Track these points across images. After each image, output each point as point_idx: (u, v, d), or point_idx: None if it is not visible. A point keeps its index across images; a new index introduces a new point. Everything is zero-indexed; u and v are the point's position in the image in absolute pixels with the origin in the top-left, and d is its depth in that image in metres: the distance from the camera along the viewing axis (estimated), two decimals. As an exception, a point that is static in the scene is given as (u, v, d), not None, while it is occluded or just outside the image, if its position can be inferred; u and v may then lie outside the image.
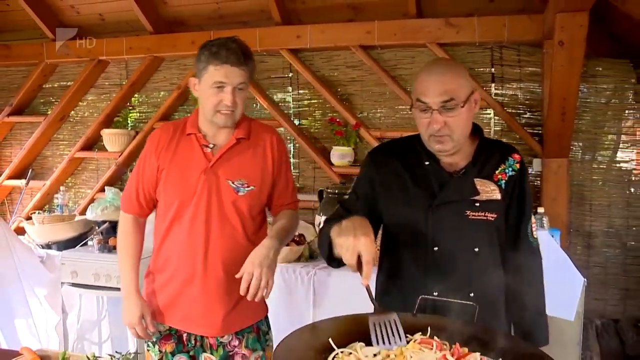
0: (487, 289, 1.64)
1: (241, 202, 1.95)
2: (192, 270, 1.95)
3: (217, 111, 1.91)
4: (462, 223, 1.61)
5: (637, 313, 3.41)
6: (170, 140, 2.00)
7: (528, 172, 1.74)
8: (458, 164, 1.66)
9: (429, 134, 1.59)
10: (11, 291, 3.34)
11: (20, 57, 4.33)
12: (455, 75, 1.57)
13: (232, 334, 2.01)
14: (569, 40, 2.83)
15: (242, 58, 1.87)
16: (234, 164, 1.97)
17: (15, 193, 4.65)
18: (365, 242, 1.33)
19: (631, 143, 3.40)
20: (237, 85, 1.89)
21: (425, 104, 1.56)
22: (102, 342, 3.56)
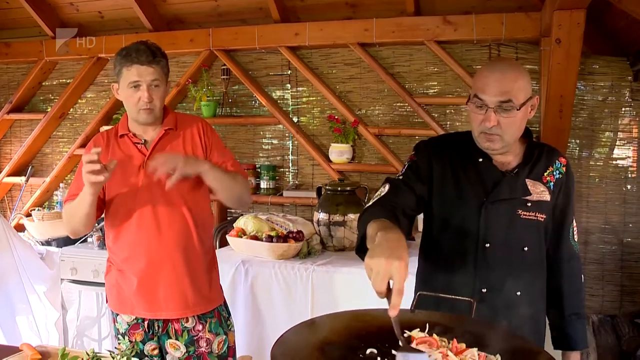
0: (532, 288, 1.67)
1: (182, 185, 2.03)
2: (148, 258, 2.06)
3: (139, 109, 2.04)
4: (514, 222, 1.63)
5: (634, 309, 3.42)
6: (107, 144, 2.13)
7: (574, 176, 1.76)
8: (510, 164, 1.67)
9: (480, 130, 1.59)
10: (11, 287, 3.34)
11: (19, 54, 4.34)
12: (516, 77, 1.55)
13: (196, 319, 2.12)
14: (566, 38, 2.84)
15: (151, 56, 2.01)
16: (168, 152, 2.07)
17: (15, 190, 4.66)
18: (399, 267, 1.15)
19: (628, 140, 3.41)
20: (151, 83, 2.02)
21: (482, 101, 1.56)
22: (102, 339, 3.58)
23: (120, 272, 2.13)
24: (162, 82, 2.06)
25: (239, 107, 4.05)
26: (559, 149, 3.16)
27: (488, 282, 1.60)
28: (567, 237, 1.74)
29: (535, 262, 1.68)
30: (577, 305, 1.75)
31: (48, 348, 1.89)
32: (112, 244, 2.15)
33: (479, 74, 1.61)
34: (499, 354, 1.22)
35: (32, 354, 1.80)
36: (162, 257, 2.06)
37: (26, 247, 3.48)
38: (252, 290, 3.05)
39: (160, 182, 2.01)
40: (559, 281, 1.73)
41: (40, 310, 3.46)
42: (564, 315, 1.73)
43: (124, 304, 2.13)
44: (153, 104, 2.04)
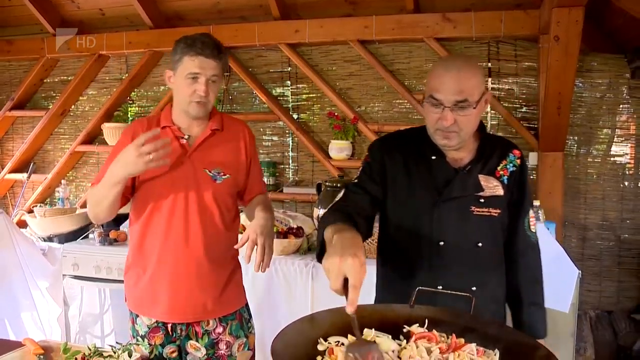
0: (489, 283, 1.67)
1: (218, 190, 2.02)
2: (174, 259, 1.99)
3: (191, 101, 1.97)
4: (467, 219, 1.63)
5: (631, 304, 3.45)
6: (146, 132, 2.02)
7: (527, 167, 1.75)
8: (463, 160, 1.67)
9: (436, 128, 1.59)
10: (15, 283, 3.36)
11: (21, 52, 4.36)
12: (471, 75, 1.55)
13: (217, 321, 2.07)
14: (565, 36, 2.85)
15: (216, 51, 1.95)
16: (210, 154, 2.03)
17: (17, 186, 4.68)
18: (353, 264, 1.16)
19: (625, 137, 3.43)
20: (211, 77, 1.96)
21: (439, 100, 1.55)
22: (105, 335, 3.60)
23: (139, 270, 2.05)
24: (220, 78, 2.01)
25: (239, 104, 4.07)
26: (557, 145, 3.25)
27: (444, 279, 1.58)
28: (522, 228, 1.73)
29: (491, 257, 1.67)
30: (536, 295, 1.75)
31: (50, 343, 1.88)
32: (137, 241, 2.05)
33: (433, 73, 1.59)
34: (497, 349, 1.23)
35: (35, 349, 1.80)
36: (188, 259, 1.99)
37: (28, 243, 3.51)
38: (252, 286, 3.06)
39: (196, 181, 1.98)
40: (516, 272, 1.73)
41: (43, 305, 3.49)
42: (523, 306, 1.72)
43: (144, 306, 2.05)
44: (208, 98, 1.97)
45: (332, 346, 1.21)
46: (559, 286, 2.70)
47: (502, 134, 3.57)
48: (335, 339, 1.25)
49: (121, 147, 1.95)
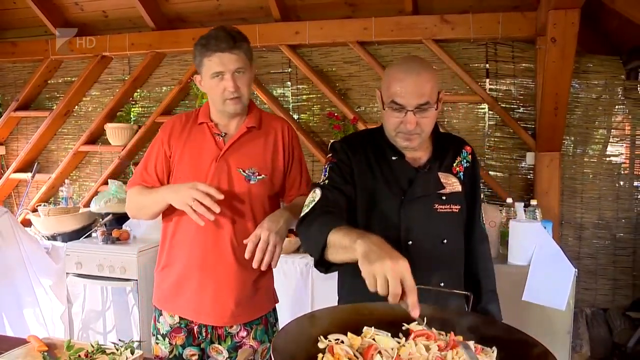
0: (455, 278, 1.70)
1: (253, 191, 1.94)
2: (203, 259, 1.94)
3: (225, 99, 1.90)
4: (432, 217, 1.64)
5: (626, 302, 3.49)
6: (182, 128, 2.00)
7: (478, 162, 1.79)
8: (421, 159, 1.68)
9: (398, 131, 1.59)
10: (18, 281, 3.38)
11: (26, 53, 4.40)
12: (429, 77, 1.55)
13: (240, 326, 1.99)
14: (561, 37, 2.87)
15: (232, 42, 1.86)
16: (245, 153, 1.95)
17: (21, 186, 4.73)
18: (406, 266, 1.15)
19: (621, 138, 3.47)
20: (235, 70, 1.87)
21: (401, 105, 1.55)
22: (107, 332, 3.63)
23: (173, 268, 2.01)
24: (247, 67, 1.90)
25: (240, 105, 4.10)
26: (554, 145, 3.28)
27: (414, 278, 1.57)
28: (478, 221, 1.78)
29: (455, 252, 1.71)
30: (492, 283, 1.81)
31: (54, 340, 1.89)
32: (169, 239, 2.01)
33: (392, 78, 1.57)
34: (494, 347, 1.24)
35: (39, 346, 1.81)
36: (217, 261, 1.93)
37: (32, 241, 3.53)
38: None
39: (229, 181, 1.93)
40: (475, 262, 1.77)
41: (47, 303, 3.52)
42: (482, 294, 1.76)
43: (169, 302, 2.01)
44: (240, 91, 1.89)
45: (332, 344, 1.22)
46: (555, 284, 2.72)
47: (499, 134, 3.61)
48: (335, 337, 1.26)
49: (157, 141, 2.02)
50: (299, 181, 2.07)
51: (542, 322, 2.75)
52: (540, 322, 2.73)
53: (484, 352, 1.24)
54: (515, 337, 1.28)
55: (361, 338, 1.27)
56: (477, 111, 3.64)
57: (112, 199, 3.68)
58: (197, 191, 1.77)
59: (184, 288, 1.98)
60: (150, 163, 2.02)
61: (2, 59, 4.54)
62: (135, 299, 3.38)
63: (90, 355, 1.76)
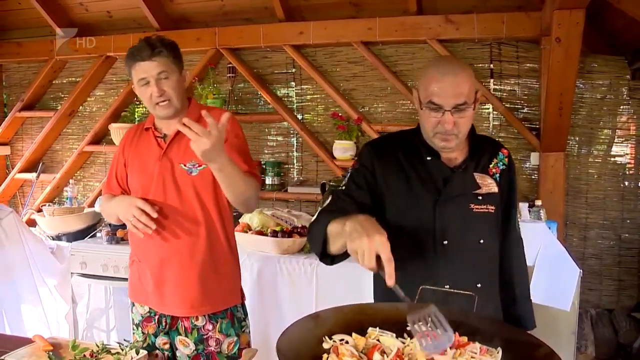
0: (491, 280, 1.71)
1: (197, 182, 2.03)
2: (159, 254, 2.05)
3: (154, 104, 2.01)
4: (468, 216, 1.64)
5: (631, 303, 3.48)
6: (133, 137, 2.16)
7: (515, 165, 1.80)
8: (457, 159, 1.68)
9: (436, 132, 1.60)
10: (21, 280, 3.38)
11: (30, 53, 4.42)
12: (466, 77, 1.56)
13: (206, 319, 2.07)
14: (566, 37, 2.88)
15: (150, 50, 1.96)
16: (185, 148, 2.01)
17: (26, 186, 4.74)
18: (381, 240, 1.25)
19: (626, 138, 3.46)
20: (157, 76, 1.97)
21: (438, 105, 1.56)
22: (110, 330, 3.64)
23: (138, 262, 2.13)
24: (171, 71, 2.00)
25: (244, 105, 4.11)
26: (558, 145, 3.28)
27: (449, 278, 1.59)
28: (514, 224, 1.78)
29: (491, 253, 1.71)
30: (526, 288, 1.81)
31: (59, 340, 1.91)
32: (131, 234, 2.14)
33: (429, 78, 1.58)
34: (499, 347, 1.24)
35: (44, 345, 1.83)
36: (172, 253, 2.03)
37: (37, 241, 3.54)
38: (257, 285, 3.10)
39: (173, 177, 2.02)
40: (510, 266, 1.77)
41: (51, 303, 3.52)
42: (516, 298, 1.76)
43: (139, 294, 2.13)
44: (166, 95, 1.99)
45: (336, 344, 1.23)
46: (560, 285, 2.73)
47: (504, 135, 3.60)
48: (340, 337, 1.27)
49: (117, 153, 2.20)
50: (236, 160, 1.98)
51: (547, 323, 2.74)
52: (545, 323, 2.72)
53: (488, 352, 1.23)
54: (520, 338, 1.29)
55: (366, 338, 1.27)
56: (482, 111, 3.63)
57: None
58: (135, 208, 1.96)
59: (147, 280, 2.09)
60: (112, 172, 2.21)
61: (7, 59, 4.57)
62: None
63: (95, 355, 1.77)
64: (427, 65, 1.71)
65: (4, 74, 4.77)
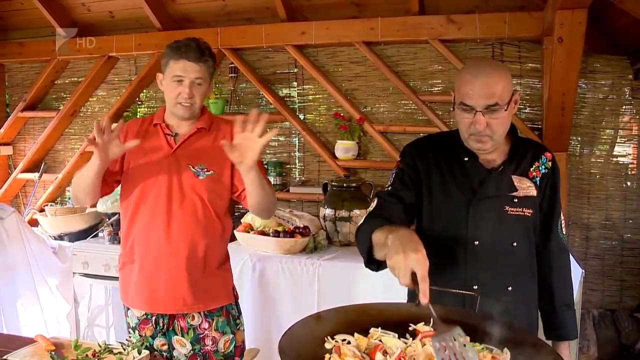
0: (523, 282, 1.69)
1: (201, 185, 2.05)
2: (156, 252, 2.04)
3: (177, 103, 2.04)
4: (502, 218, 1.64)
5: (633, 303, 3.48)
6: (138, 130, 2.14)
7: (559, 170, 1.77)
8: (495, 161, 1.69)
9: (470, 133, 1.61)
10: (21, 280, 3.39)
11: (33, 53, 4.42)
12: (500, 79, 1.56)
13: (202, 317, 2.09)
14: (568, 37, 2.87)
15: (199, 55, 2.02)
16: (195, 150, 2.08)
17: (28, 186, 4.75)
18: (417, 259, 1.23)
19: (628, 138, 3.46)
20: (195, 80, 2.02)
21: (470, 106, 1.57)
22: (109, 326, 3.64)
23: (129, 264, 2.12)
24: (206, 81, 2.07)
25: (246, 105, 4.11)
26: (561, 145, 3.28)
27: (478, 278, 1.60)
28: (556, 230, 1.75)
29: (525, 257, 1.69)
30: (567, 297, 1.77)
31: (61, 339, 1.90)
32: (125, 235, 2.14)
33: (462, 80, 1.60)
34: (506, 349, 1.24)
35: (47, 345, 1.83)
36: (168, 252, 2.04)
37: (39, 241, 3.55)
38: (259, 285, 3.10)
39: (179, 177, 2.04)
40: (549, 274, 1.75)
41: (51, 302, 3.53)
42: (555, 307, 1.74)
43: (133, 299, 2.12)
44: (193, 100, 2.04)
45: (339, 344, 1.24)
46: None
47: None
48: (342, 337, 1.27)
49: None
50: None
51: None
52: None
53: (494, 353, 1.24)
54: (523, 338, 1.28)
55: (368, 339, 1.27)
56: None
57: (118, 199, 3.68)
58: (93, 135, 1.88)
59: (143, 282, 2.08)
60: None
61: (10, 59, 4.58)
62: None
63: (97, 355, 1.77)
64: (462, 67, 1.71)
65: (6, 74, 4.78)
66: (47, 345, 1.84)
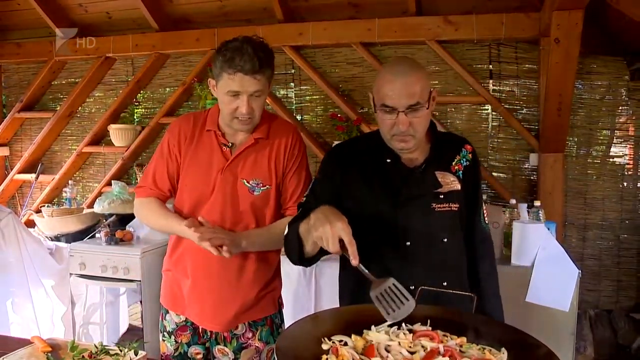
0: (456, 276, 1.69)
1: (257, 202, 1.94)
2: (207, 267, 1.95)
3: (234, 117, 1.86)
4: (430, 216, 1.64)
5: (630, 303, 3.49)
6: (192, 134, 1.97)
7: (479, 161, 1.78)
8: (417, 160, 1.68)
9: (392, 133, 1.60)
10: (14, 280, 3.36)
11: (30, 54, 4.42)
12: (419, 78, 1.56)
13: (246, 326, 2.01)
14: (565, 38, 2.88)
15: (257, 65, 1.76)
16: (251, 164, 1.93)
17: (25, 187, 4.75)
18: (342, 226, 1.36)
19: (624, 138, 3.47)
20: (253, 93, 1.81)
21: (391, 107, 1.56)
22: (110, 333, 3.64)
23: (179, 269, 2.02)
24: (264, 91, 1.84)
25: (244, 106, 4.10)
26: (557, 146, 3.28)
27: (414, 278, 1.57)
28: (479, 220, 1.76)
29: (456, 251, 1.70)
30: (494, 285, 1.78)
31: (58, 341, 1.89)
32: (175, 243, 2.04)
33: (381, 81, 1.59)
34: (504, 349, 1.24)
35: (43, 346, 1.82)
36: (220, 265, 1.93)
37: (35, 242, 3.53)
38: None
39: (233, 192, 1.92)
40: (476, 263, 1.75)
41: (46, 303, 3.52)
42: (484, 296, 1.72)
43: (176, 303, 2.03)
44: (252, 114, 1.84)
45: (336, 345, 1.24)
46: (559, 285, 2.72)
47: (503, 135, 3.61)
48: (338, 338, 1.27)
49: (167, 143, 2.00)
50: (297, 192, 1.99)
51: (546, 324, 2.74)
52: (544, 324, 2.73)
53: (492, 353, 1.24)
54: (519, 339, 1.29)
55: (364, 339, 1.28)
56: (481, 112, 3.64)
57: (115, 199, 3.68)
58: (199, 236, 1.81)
59: (188, 293, 2.00)
60: (161, 169, 2.01)
61: (7, 60, 4.57)
62: (139, 300, 3.38)
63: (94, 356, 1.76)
64: (380, 68, 1.71)
65: (3, 75, 4.77)
66: (44, 346, 1.83)
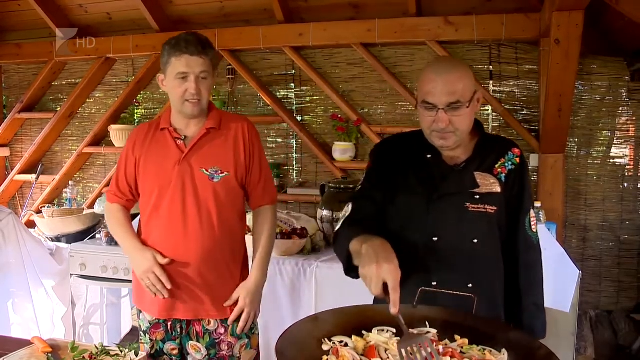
0: (486, 280, 1.66)
1: (217, 189, 2.01)
2: (174, 256, 2.00)
3: (185, 100, 1.98)
4: (462, 215, 1.62)
5: (630, 304, 3.49)
6: (145, 136, 2.09)
7: (528, 166, 1.75)
8: (459, 158, 1.68)
9: (432, 130, 1.61)
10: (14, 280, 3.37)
11: (30, 55, 4.42)
12: (461, 76, 1.57)
13: (218, 322, 2.07)
14: (565, 39, 2.87)
15: (201, 47, 1.94)
16: (207, 153, 2.02)
17: (26, 187, 4.75)
18: (389, 269, 1.27)
19: (625, 139, 3.47)
20: (200, 74, 1.95)
21: (432, 104, 1.57)
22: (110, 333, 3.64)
23: None
24: (210, 74, 1.99)
25: (244, 106, 4.11)
26: (558, 147, 3.28)
27: (438, 275, 1.59)
28: (523, 227, 1.70)
29: (487, 254, 1.67)
30: (537, 296, 1.73)
31: (58, 341, 1.90)
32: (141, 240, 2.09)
33: (424, 78, 1.61)
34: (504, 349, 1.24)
35: (43, 347, 1.82)
36: (184, 258, 1.99)
37: (36, 242, 3.53)
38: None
39: (192, 182, 1.99)
40: (516, 273, 1.71)
41: (46, 304, 3.52)
42: (522, 306, 1.69)
43: (145, 302, 2.08)
44: (200, 95, 1.97)
45: (336, 346, 1.24)
46: (559, 286, 2.71)
47: (503, 136, 3.60)
48: (339, 339, 1.28)
49: (125, 151, 2.12)
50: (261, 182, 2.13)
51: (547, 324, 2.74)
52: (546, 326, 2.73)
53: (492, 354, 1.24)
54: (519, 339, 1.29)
55: (364, 339, 1.28)
56: (481, 112, 3.63)
57: (115, 200, 3.68)
58: (152, 274, 1.97)
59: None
60: (121, 173, 2.13)
61: (7, 60, 4.58)
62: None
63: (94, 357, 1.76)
64: (425, 66, 1.71)
65: (3, 76, 4.78)
66: (44, 347, 1.84)
